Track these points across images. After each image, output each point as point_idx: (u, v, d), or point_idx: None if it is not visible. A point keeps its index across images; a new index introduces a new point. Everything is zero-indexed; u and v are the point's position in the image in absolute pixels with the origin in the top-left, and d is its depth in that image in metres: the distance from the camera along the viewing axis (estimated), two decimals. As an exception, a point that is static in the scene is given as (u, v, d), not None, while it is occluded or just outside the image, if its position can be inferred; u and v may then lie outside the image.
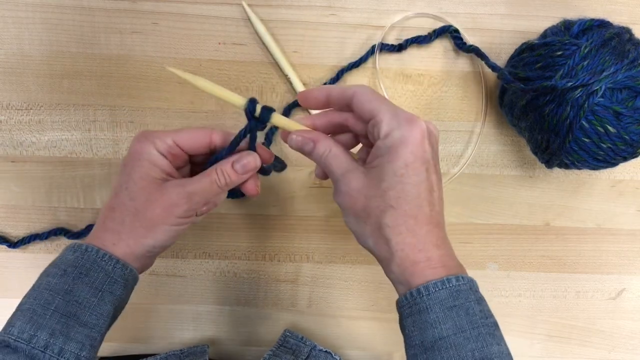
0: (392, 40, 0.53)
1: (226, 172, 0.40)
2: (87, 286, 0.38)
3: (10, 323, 0.37)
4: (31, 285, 0.38)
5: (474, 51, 0.52)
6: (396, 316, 0.39)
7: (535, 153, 0.51)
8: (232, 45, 0.53)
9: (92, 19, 0.52)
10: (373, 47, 0.53)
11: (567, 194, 0.57)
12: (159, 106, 0.53)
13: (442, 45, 0.54)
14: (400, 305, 0.37)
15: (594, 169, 0.49)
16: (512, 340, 0.60)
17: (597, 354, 0.60)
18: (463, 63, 0.54)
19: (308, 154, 0.40)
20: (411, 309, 0.36)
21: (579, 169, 0.50)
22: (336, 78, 0.53)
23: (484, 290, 0.58)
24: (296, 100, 0.53)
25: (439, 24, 0.53)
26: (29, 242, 0.55)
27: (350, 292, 0.58)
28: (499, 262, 0.58)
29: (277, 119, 0.39)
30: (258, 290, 0.58)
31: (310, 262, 0.57)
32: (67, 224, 0.56)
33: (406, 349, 0.37)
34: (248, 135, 0.40)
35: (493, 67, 0.50)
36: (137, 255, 0.40)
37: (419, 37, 0.53)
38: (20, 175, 0.54)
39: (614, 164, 0.48)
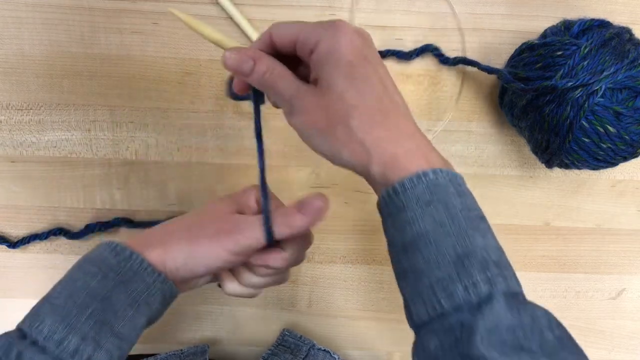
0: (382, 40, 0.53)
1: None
2: (125, 295, 0.36)
3: (38, 315, 0.35)
4: (31, 285, 0.38)
5: (461, 62, 0.52)
6: (397, 316, 0.39)
7: (535, 153, 0.51)
8: (232, 45, 0.53)
9: (92, 19, 0.52)
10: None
11: (567, 194, 0.57)
12: (159, 106, 0.53)
13: (441, 46, 0.54)
14: (379, 207, 0.35)
15: (594, 169, 0.49)
16: (512, 340, 0.60)
17: (597, 354, 0.60)
18: (463, 63, 0.54)
19: (247, 75, 0.36)
20: (389, 208, 0.34)
21: (579, 169, 0.50)
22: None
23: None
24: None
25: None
26: (29, 242, 0.55)
27: (350, 292, 0.58)
28: (499, 262, 0.58)
29: (208, 30, 0.37)
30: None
31: (310, 262, 0.57)
32: (67, 224, 0.56)
33: (389, 252, 0.36)
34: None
35: (487, 70, 0.50)
36: (168, 267, 0.38)
37: (399, 51, 0.52)
38: (20, 175, 0.54)
39: (614, 164, 0.48)
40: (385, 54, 0.53)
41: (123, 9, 0.52)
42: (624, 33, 0.46)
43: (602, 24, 0.46)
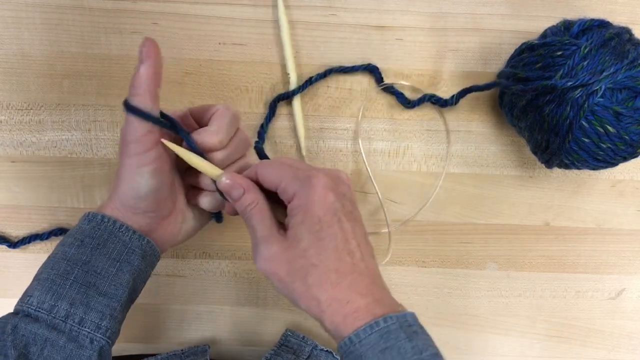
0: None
1: None
2: (104, 257, 0.38)
3: (27, 293, 0.37)
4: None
5: (460, 96, 0.52)
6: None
7: (535, 153, 0.51)
8: (232, 45, 0.53)
9: (92, 19, 0.52)
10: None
11: (567, 194, 0.57)
12: (159, 106, 0.53)
13: (441, 46, 0.54)
14: (340, 356, 0.37)
15: (594, 169, 0.49)
16: (512, 340, 0.60)
17: (597, 354, 0.61)
18: (463, 63, 0.54)
19: (234, 200, 0.39)
20: (348, 358, 0.36)
21: (579, 169, 0.50)
22: (323, 75, 0.53)
23: (484, 290, 0.59)
24: (294, 91, 0.52)
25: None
26: (29, 242, 0.55)
27: (350, 292, 0.58)
28: (499, 262, 0.58)
29: (196, 160, 0.39)
30: (258, 290, 0.58)
31: (310, 262, 0.57)
32: (67, 224, 0.56)
33: None
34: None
35: (486, 87, 0.50)
36: (125, 214, 0.40)
37: (343, 67, 0.53)
38: (20, 175, 0.54)
39: (614, 164, 0.48)
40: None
41: (123, 9, 0.52)
42: (623, 33, 0.46)
43: (602, 24, 0.46)
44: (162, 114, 0.40)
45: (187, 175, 0.44)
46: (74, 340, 0.36)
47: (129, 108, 0.37)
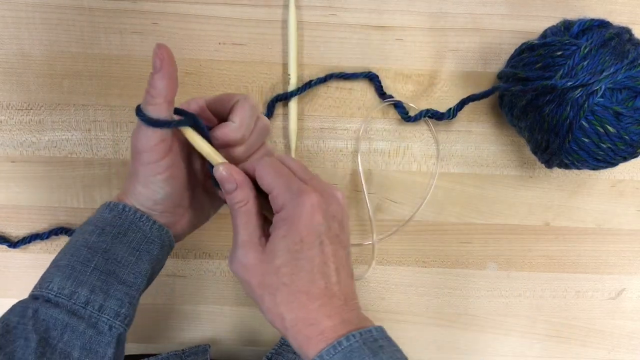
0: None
1: None
2: (125, 245, 0.39)
3: (46, 279, 0.37)
4: (32, 285, 0.38)
5: (459, 108, 0.52)
6: (396, 316, 0.39)
7: (535, 153, 0.51)
8: (232, 45, 0.53)
9: (92, 19, 0.52)
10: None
11: (567, 194, 0.57)
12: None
13: (441, 46, 0.54)
14: None
15: (594, 169, 0.49)
16: (512, 340, 0.60)
17: (597, 354, 0.61)
18: (463, 63, 0.54)
19: (226, 192, 0.39)
20: None
21: (579, 169, 0.50)
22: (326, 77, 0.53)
23: (484, 290, 0.58)
24: (293, 92, 0.52)
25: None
26: (29, 242, 0.55)
27: (350, 292, 0.58)
28: (499, 262, 0.58)
29: (203, 145, 0.39)
30: (258, 290, 0.58)
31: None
32: (67, 224, 0.56)
33: None
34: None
35: (485, 94, 0.50)
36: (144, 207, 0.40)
37: (344, 73, 0.53)
38: (21, 175, 0.54)
39: (614, 164, 0.48)
40: (327, 78, 0.53)
41: (123, 9, 0.52)
42: (623, 33, 0.46)
43: (602, 24, 0.46)
44: (179, 111, 0.39)
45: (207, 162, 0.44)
46: (93, 326, 0.36)
47: (144, 118, 0.37)
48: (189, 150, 0.41)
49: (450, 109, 0.53)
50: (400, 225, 0.56)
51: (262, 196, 0.40)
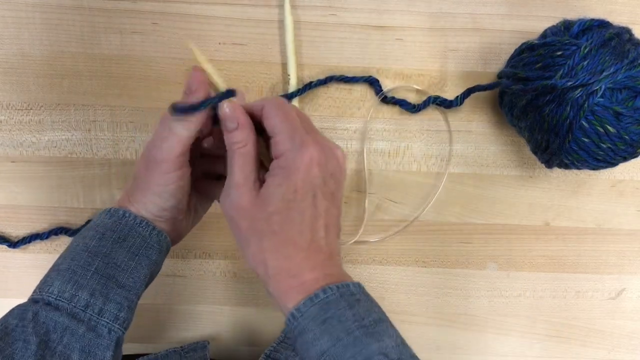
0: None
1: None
2: (124, 250, 0.39)
3: (46, 282, 0.37)
4: (32, 285, 0.39)
5: (465, 96, 0.52)
6: (396, 316, 0.39)
7: (535, 153, 0.51)
8: (232, 45, 0.53)
9: (92, 19, 0.52)
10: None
11: (567, 194, 0.57)
12: (159, 106, 0.53)
13: (441, 46, 0.54)
14: (287, 332, 0.37)
15: (594, 169, 0.49)
16: (512, 340, 0.60)
17: (597, 354, 0.60)
18: (463, 63, 0.54)
19: (226, 130, 0.37)
20: (294, 332, 0.35)
21: (579, 169, 0.50)
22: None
23: (484, 290, 0.58)
24: (293, 93, 0.52)
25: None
26: (29, 242, 0.55)
27: (350, 292, 0.58)
28: (499, 262, 0.58)
29: (211, 69, 0.38)
30: (258, 290, 0.58)
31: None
32: (67, 224, 0.56)
33: None
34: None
35: (488, 87, 0.50)
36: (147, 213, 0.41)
37: (344, 76, 0.53)
38: (20, 175, 0.54)
39: (614, 164, 0.48)
40: (328, 80, 0.53)
41: (123, 9, 0.52)
42: (623, 33, 0.46)
43: (602, 24, 0.46)
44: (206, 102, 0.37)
45: (200, 164, 0.44)
46: (92, 329, 0.37)
47: (183, 107, 0.36)
48: (191, 156, 0.41)
49: (458, 96, 0.53)
50: (404, 225, 0.56)
51: (261, 140, 0.39)
